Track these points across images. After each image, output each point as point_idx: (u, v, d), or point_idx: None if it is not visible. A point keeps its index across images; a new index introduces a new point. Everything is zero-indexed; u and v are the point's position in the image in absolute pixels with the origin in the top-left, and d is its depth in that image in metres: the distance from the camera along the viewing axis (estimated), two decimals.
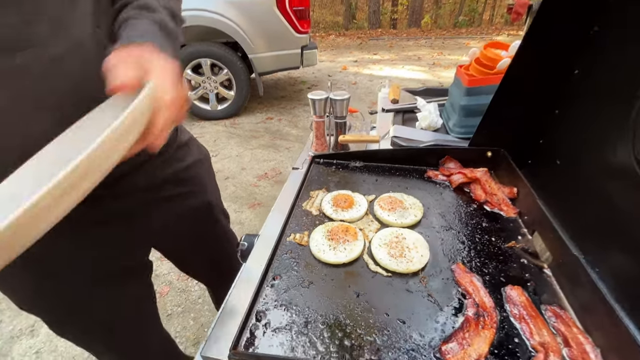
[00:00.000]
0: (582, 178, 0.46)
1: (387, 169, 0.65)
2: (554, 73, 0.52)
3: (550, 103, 0.54)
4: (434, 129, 0.86)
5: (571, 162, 0.49)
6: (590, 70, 0.48)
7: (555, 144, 0.54)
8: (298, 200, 0.56)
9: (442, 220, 0.51)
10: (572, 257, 0.39)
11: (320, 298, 0.39)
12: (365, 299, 0.39)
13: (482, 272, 0.42)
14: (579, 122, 0.49)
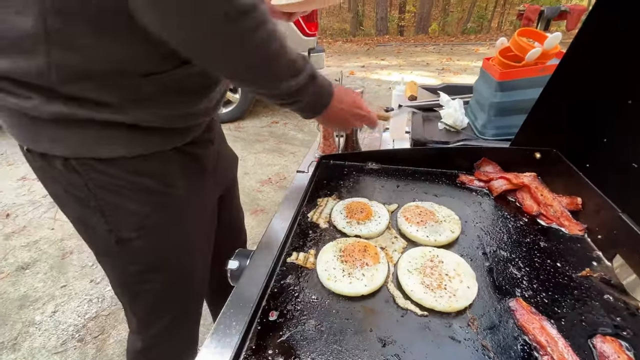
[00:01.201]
0: None
1: (410, 172, 0.54)
2: (620, 60, 0.41)
3: (618, 92, 0.43)
4: (460, 128, 0.75)
5: None
6: None
7: (627, 142, 0.42)
8: (303, 208, 0.46)
9: (487, 237, 0.40)
10: None
11: (332, 348, 0.28)
12: (394, 350, 0.28)
13: (554, 312, 0.30)
14: None
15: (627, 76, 0.42)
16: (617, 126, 0.44)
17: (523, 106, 0.61)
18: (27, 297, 1.47)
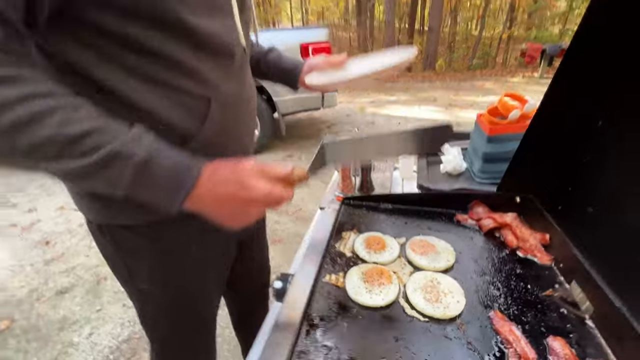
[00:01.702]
0: (618, 225, 0.47)
1: (416, 211, 0.67)
2: (578, 123, 0.55)
3: (578, 151, 0.56)
4: (458, 172, 0.89)
5: (605, 209, 0.50)
6: (615, 120, 0.50)
7: (587, 191, 0.55)
8: (331, 241, 0.59)
9: (475, 265, 0.52)
10: (615, 309, 0.39)
11: (360, 341, 0.40)
12: (404, 344, 0.40)
13: (521, 320, 0.42)
14: (609, 169, 0.51)
15: (585, 136, 0.55)
16: (577, 178, 0.56)
17: (509, 156, 0.74)
18: (66, 320, 1.59)
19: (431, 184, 0.82)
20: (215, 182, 0.38)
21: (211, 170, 0.38)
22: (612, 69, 0.48)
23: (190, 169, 0.37)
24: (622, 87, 0.48)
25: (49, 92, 0.33)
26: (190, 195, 0.36)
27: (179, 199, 0.36)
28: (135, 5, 0.37)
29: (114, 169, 0.34)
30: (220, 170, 0.38)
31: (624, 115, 0.48)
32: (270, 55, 0.72)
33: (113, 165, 0.34)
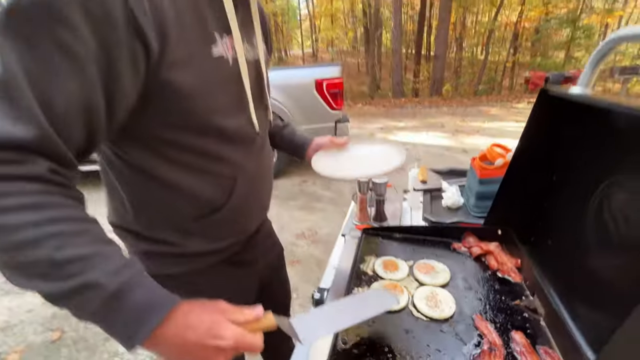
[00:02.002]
0: (564, 254, 0.65)
1: (421, 240, 0.86)
2: (539, 177, 0.74)
3: (541, 197, 0.76)
4: (457, 206, 1.08)
5: (558, 242, 0.69)
6: (564, 176, 0.70)
7: (547, 228, 0.74)
8: (357, 263, 0.78)
9: (464, 282, 0.71)
10: (558, 313, 0.57)
11: (382, 332, 0.59)
12: (412, 334, 0.58)
13: (494, 321, 0.60)
14: (560, 212, 0.70)
15: (545, 186, 0.74)
16: (541, 217, 0.75)
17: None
18: None
19: (433, 216, 1.02)
20: (186, 325, 0.38)
21: (183, 313, 0.39)
22: (558, 144, 0.68)
23: (159, 309, 0.38)
24: (567, 156, 0.68)
25: (65, 218, 0.37)
26: (153, 334, 0.37)
27: (138, 336, 0.36)
28: (185, 120, 0.50)
29: (83, 297, 0.35)
30: (193, 315, 0.39)
31: (570, 174, 0.68)
32: (285, 130, 0.90)
33: (83, 294, 0.35)
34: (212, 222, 0.61)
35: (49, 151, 0.37)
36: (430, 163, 3.94)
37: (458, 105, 8.40)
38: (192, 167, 0.55)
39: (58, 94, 0.36)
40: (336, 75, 3.44)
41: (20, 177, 0.35)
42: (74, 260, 0.35)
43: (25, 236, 0.34)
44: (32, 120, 0.35)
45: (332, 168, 0.78)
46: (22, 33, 0.34)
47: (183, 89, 0.46)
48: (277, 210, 2.99)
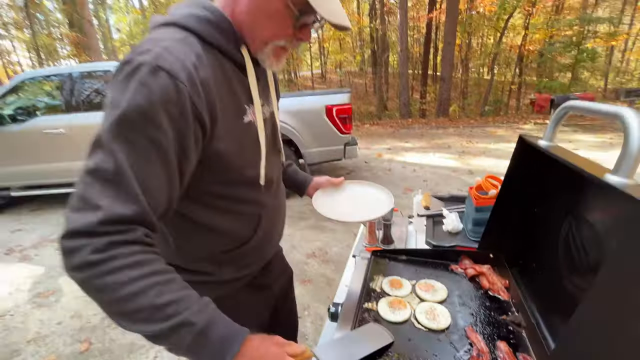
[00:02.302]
0: (545, 277, 0.76)
1: (423, 262, 0.98)
2: (522, 209, 0.87)
3: (525, 225, 0.88)
4: (456, 231, 1.20)
5: (540, 266, 0.80)
6: (542, 209, 0.82)
7: (532, 253, 0.85)
8: (368, 282, 0.91)
9: (459, 299, 0.82)
10: (537, 327, 0.68)
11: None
12: (413, 342, 0.70)
13: (483, 332, 0.71)
14: (541, 240, 0.82)
15: (527, 218, 0.87)
16: (526, 244, 0.87)
17: None
18: (134, 344, 1.90)
19: (435, 240, 1.14)
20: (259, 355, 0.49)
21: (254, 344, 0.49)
22: (535, 182, 0.81)
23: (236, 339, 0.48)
24: (543, 192, 0.81)
25: (158, 271, 0.47)
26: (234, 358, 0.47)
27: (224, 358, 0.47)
28: (223, 175, 0.63)
29: (179, 334, 0.45)
30: (262, 346, 0.50)
31: (546, 208, 0.80)
32: (289, 169, 1.03)
33: (179, 331, 0.45)
34: (240, 253, 0.73)
35: (145, 221, 0.48)
36: (437, 184, 4.05)
37: (465, 126, 8.54)
38: (225, 210, 0.67)
39: (152, 178, 0.48)
40: (345, 101, 3.65)
41: (126, 242, 0.45)
42: (170, 304, 0.45)
43: (132, 288, 0.43)
44: (136, 201, 0.46)
45: (329, 208, 0.93)
46: (128, 136, 0.47)
47: (224, 153, 0.59)
48: (288, 230, 3.12)
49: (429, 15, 13.69)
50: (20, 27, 12.54)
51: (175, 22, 0.56)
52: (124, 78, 0.47)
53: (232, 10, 0.59)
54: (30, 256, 2.96)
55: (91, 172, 0.46)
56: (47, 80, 3.82)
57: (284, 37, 0.60)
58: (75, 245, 0.43)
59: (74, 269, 0.44)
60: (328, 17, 0.54)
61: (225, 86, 0.58)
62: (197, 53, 0.53)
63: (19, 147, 3.56)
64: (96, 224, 0.43)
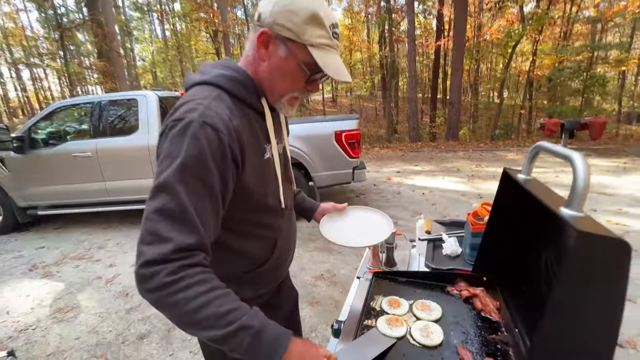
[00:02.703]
0: (531, 300, 0.83)
1: (421, 283, 1.05)
2: (509, 236, 0.94)
3: (513, 253, 0.95)
4: (455, 255, 1.27)
5: (530, 289, 0.87)
6: (526, 238, 0.90)
7: (521, 277, 0.92)
8: (368, 301, 0.98)
9: (453, 319, 0.89)
10: (521, 345, 0.74)
11: (386, 353, 0.78)
12: (408, 357, 0.77)
13: (473, 350, 0.78)
14: (530, 265, 0.89)
15: (514, 247, 0.94)
16: (519, 268, 0.93)
17: None
18: None
19: (434, 263, 1.21)
20: (301, 354, 0.59)
21: (297, 345, 0.60)
22: (519, 211, 0.89)
23: (284, 339, 0.58)
24: (527, 220, 0.88)
25: (217, 286, 0.58)
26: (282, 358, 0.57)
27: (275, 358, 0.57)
28: (247, 203, 0.72)
29: (238, 336, 0.55)
30: (303, 347, 0.61)
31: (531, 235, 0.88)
32: (297, 196, 1.10)
33: (239, 335, 0.55)
34: (259, 273, 0.82)
35: (203, 247, 0.59)
36: (446, 208, 4.07)
37: (474, 149, 8.56)
38: (247, 234, 0.78)
39: (206, 211, 0.60)
40: (354, 127, 3.80)
41: (191, 265, 0.56)
42: (230, 312, 0.55)
43: (200, 301, 0.54)
44: (197, 232, 0.58)
45: (335, 233, 1.02)
46: (187, 180, 0.58)
47: (249, 185, 0.70)
48: (297, 251, 3.18)
49: (437, 43, 14.14)
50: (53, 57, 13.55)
51: (208, 82, 0.69)
52: (178, 133, 0.60)
53: (254, 70, 0.72)
54: (52, 272, 3.11)
55: (158, 211, 0.56)
56: (77, 108, 4.14)
57: (297, 90, 0.73)
58: (153, 271, 0.53)
59: (150, 291, 0.54)
60: (333, 75, 0.67)
61: (250, 130, 0.70)
62: (229, 106, 0.66)
63: (49, 169, 3.82)
64: (169, 253, 0.54)
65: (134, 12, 25.33)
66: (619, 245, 0.44)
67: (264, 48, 0.68)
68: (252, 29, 0.71)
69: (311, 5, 0.64)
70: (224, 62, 0.74)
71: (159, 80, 24.70)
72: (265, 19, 0.66)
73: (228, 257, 0.78)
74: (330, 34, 0.67)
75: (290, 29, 0.64)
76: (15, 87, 26.43)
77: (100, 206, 3.98)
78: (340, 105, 21.83)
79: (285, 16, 0.64)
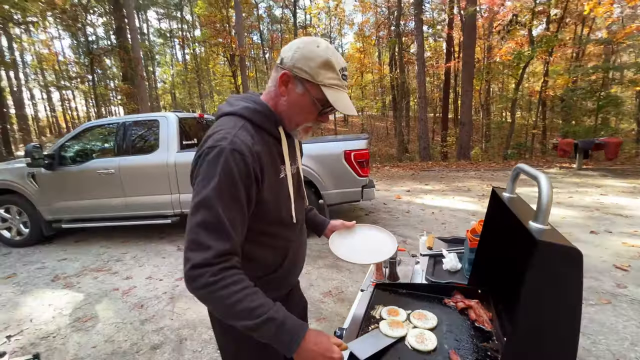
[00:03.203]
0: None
1: (420, 295, 1.12)
2: (498, 250, 1.01)
3: (503, 268, 1.01)
4: (455, 270, 1.33)
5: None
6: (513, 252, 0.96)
7: (511, 291, 0.98)
8: (369, 309, 1.05)
9: (448, 327, 0.95)
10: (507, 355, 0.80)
11: (383, 357, 0.84)
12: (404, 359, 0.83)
13: (464, 355, 0.83)
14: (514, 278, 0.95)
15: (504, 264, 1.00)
16: (504, 277, 0.99)
17: None
18: None
19: (434, 277, 1.27)
20: (315, 342, 0.72)
21: (312, 335, 0.72)
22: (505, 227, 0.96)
23: (302, 330, 0.71)
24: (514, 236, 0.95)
25: (248, 285, 0.71)
26: (300, 346, 0.69)
27: (294, 346, 0.69)
28: (263, 217, 0.82)
29: (266, 326, 0.68)
30: (318, 337, 0.73)
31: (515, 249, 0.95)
32: (310, 212, 1.20)
33: (267, 324, 0.68)
34: (271, 278, 0.91)
35: (235, 251, 0.73)
36: (456, 227, 4.07)
37: (486, 169, 8.50)
38: (262, 243, 0.87)
39: (236, 222, 0.73)
40: (363, 147, 3.92)
41: (229, 267, 0.70)
42: (260, 307, 0.69)
43: (238, 297, 0.68)
44: (230, 239, 0.71)
45: (344, 251, 1.10)
46: (222, 197, 0.71)
47: (266, 200, 0.81)
48: (306, 268, 3.24)
49: (447, 65, 14.40)
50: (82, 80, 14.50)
51: (235, 113, 0.83)
52: (213, 158, 0.73)
53: (275, 103, 0.85)
54: (73, 283, 3.26)
55: (200, 224, 0.70)
56: (104, 128, 4.44)
57: (311, 121, 0.86)
58: (199, 273, 0.67)
59: (197, 289, 0.68)
60: (342, 110, 0.80)
61: (268, 154, 0.82)
62: (252, 134, 0.79)
63: (75, 185, 4.07)
64: (211, 258, 0.68)
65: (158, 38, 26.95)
66: (574, 252, 0.52)
67: (284, 86, 0.82)
68: (275, 69, 0.84)
69: (324, 53, 0.77)
70: (248, 95, 0.88)
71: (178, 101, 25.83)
72: (286, 62, 0.80)
73: (246, 263, 0.86)
74: (340, 76, 0.80)
75: (307, 72, 0.77)
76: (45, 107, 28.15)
77: (120, 220, 4.17)
78: (351, 124, 22.17)
79: (303, 62, 0.77)
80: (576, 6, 11.04)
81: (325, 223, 1.21)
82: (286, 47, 0.82)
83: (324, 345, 0.72)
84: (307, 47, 0.78)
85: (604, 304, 2.39)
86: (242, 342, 0.86)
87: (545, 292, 0.55)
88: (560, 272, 0.54)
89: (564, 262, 0.53)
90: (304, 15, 22.43)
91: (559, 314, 0.54)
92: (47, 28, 16.11)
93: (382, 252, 1.12)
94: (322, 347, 0.72)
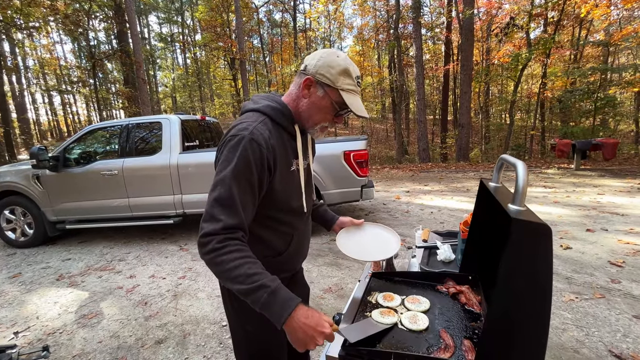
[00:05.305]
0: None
1: (413, 282, 1.18)
2: (487, 237, 1.07)
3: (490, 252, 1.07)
4: (449, 260, 1.39)
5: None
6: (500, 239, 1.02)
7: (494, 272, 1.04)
8: (365, 295, 1.11)
9: (439, 310, 1.01)
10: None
11: (379, 337, 0.90)
12: (397, 338, 0.89)
13: (454, 333, 0.90)
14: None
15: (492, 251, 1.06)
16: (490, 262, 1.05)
17: None
18: None
19: (428, 267, 1.33)
20: (306, 315, 0.76)
21: (303, 308, 0.76)
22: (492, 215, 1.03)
23: (293, 301, 0.76)
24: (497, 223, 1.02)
25: (249, 255, 0.80)
26: (290, 317, 0.74)
27: (284, 316, 0.74)
28: (273, 203, 0.93)
29: (258, 292, 0.74)
30: (309, 311, 0.77)
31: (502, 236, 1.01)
32: (320, 208, 1.29)
33: (259, 290, 0.74)
34: (277, 260, 1.00)
35: (242, 227, 0.82)
36: (455, 227, 4.12)
37: (485, 170, 8.57)
38: (270, 227, 0.98)
39: (247, 202, 0.84)
40: (362, 147, 3.99)
41: (233, 238, 0.80)
42: (255, 274, 0.76)
43: (236, 263, 0.76)
44: (239, 215, 0.82)
45: (350, 247, 1.18)
46: (238, 178, 0.82)
47: (277, 189, 0.92)
48: (307, 266, 3.30)
49: (446, 67, 14.51)
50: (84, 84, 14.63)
51: (258, 110, 0.94)
52: (234, 144, 0.84)
53: (296, 104, 0.96)
54: (77, 282, 3.31)
55: (217, 199, 0.81)
56: (108, 130, 4.51)
57: (327, 121, 0.96)
58: (207, 240, 0.78)
59: (205, 254, 0.78)
60: (356, 112, 0.89)
61: (282, 148, 0.93)
62: (269, 129, 0.90)
63: (79, 186, 4.13)
64: (219, 229, 0.78)
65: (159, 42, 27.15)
66: (543, 228, 0.58)
67: (307, 89, 0.92)
68: (298, 75, 0.95)
69: (344, 63, 0.89)
70: (271, 95, 0.99)
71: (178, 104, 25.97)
72: (310, 69, 0.91)
73: (255, 243, 0.92)
74: (355, 82, 0.92)
75: (328, 78, 0.88)
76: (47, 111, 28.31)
77: (122, 221, 4.23)
78: (351, 127, 22.27)
79: (325, 69, 0.89)
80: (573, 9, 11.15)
81: (335, 219, 1.29)
82: (309, 56, 0.93)
83: (315, 319, 0.76)
84: (329, 57, 0.89)
85: (598, 298, 2.45)
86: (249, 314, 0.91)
87: (518, 268, 0.61)
88: (532, 247, 0.60)
89: (535, 238, 0.60)
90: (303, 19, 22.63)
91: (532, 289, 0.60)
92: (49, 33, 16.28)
93: (386, 251, 1.19)
94: (313, 321, 0.76)
